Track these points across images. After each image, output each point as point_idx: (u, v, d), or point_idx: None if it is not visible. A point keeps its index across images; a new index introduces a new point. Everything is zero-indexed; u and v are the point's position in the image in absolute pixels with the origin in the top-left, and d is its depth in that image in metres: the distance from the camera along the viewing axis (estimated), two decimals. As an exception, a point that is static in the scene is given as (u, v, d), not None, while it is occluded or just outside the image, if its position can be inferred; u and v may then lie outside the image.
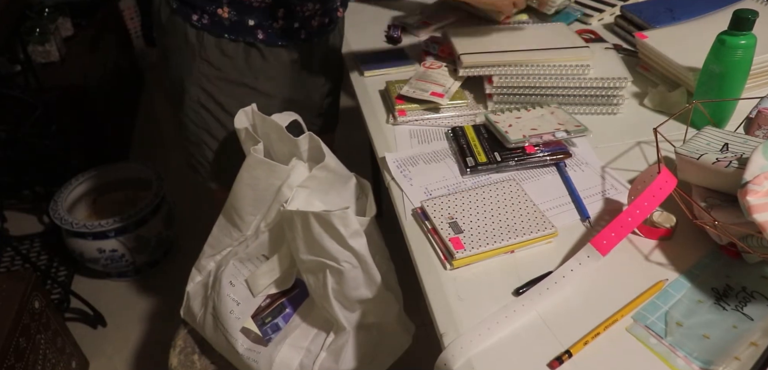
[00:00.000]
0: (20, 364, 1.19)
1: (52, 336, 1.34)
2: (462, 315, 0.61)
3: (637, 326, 0.58)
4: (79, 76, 2.01)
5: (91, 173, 1.87)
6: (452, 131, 0.90)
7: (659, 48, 1.01)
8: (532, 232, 0.68)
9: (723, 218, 0.62)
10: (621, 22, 1.22)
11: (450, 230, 0.69)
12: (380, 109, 1.00)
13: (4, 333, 1.15)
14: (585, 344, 0.56)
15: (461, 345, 0.57)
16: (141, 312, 1.70)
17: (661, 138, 0.75)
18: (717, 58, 0.83)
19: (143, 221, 1.70)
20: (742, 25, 0.79)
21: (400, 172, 0.83)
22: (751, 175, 0.57)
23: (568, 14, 1.29)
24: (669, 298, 0.61)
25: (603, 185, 0.79)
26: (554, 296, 0.62)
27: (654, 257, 0.67)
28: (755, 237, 0.59)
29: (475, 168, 0.82)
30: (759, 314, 0.58)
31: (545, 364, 0.55)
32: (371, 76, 1.10)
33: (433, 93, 0.95)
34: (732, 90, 0.84)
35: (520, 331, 0.59)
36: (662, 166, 0.66)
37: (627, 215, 0.64)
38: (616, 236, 0.64)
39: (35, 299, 1.29)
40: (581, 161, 0.84)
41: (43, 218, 2.06)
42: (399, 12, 1.36)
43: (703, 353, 0.55)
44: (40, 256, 1.84)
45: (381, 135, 0.93)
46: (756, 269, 0.64)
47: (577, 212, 0.74)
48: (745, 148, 0.66)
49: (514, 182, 0.78)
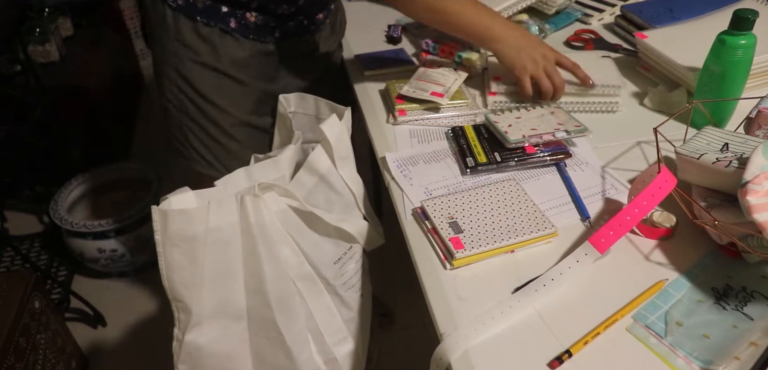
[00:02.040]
0: (20, 364, 1.19)
1: (52, 336, 1.34)
2: (462, 315, 0.61)
3: (637, 326, 0.58)
4: (79, 76, 2.01)
5: (91, 173, 1.87)
6: (452, 131, 0.90)
7: (659, 48, 1.01)
8: (532, 232, 0.68)
9: (723, 217, 0.62)
10: (621, 22, 1.22)
11: (450, 230, 0.69)
12: (380, 109, 1.00)
13: (4, 333, 1.14)
14: (585, 344, 0.56)
15: (458, 338, 0.57)
16: (141, 312, 1.70)
17: (661, 138, 0.75)
18: (717, 58, 0.83)
19: (143, 221, 1.70)
20: (742, 24, 0.79)
21: (400, 172, 0.83)
22: (751, 174, 0.57)
23: (569, 14, 1.29)
24: (669, 298, 0.61)
25: (603, 185, 0.79)
26: (552, 293, 0.62)
27: (654, 257, 0.67)
28: (755, 237, 0.59)
29: (475, 168, 0.82)
30: (759, 313, 0.58)
31: (545, 364, 0.55)
32: (371, 76, 1.10)
33: (433, 93, 0.95)
34: (732, 90, 0.84)
35: (519, 330, 0.59)
36: (662, 165, 0.66)
37: (626, 214, 0.64)
38: (614, 234, 0.64)
39: (35, 299, 1.29)
40: (581, 161, 0.84)
41: (43, 218, 2.06)
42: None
43: (703, 352, 0.55)
44: (40, 256, 1.84)
45: (381, 135, 0.93)
46: (756, 269, 0.64)
47: (577, 211, 0.74)
48: (745, 148, 0.66)
49: (514, 182, 0.77)
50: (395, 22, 1.28)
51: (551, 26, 1.25)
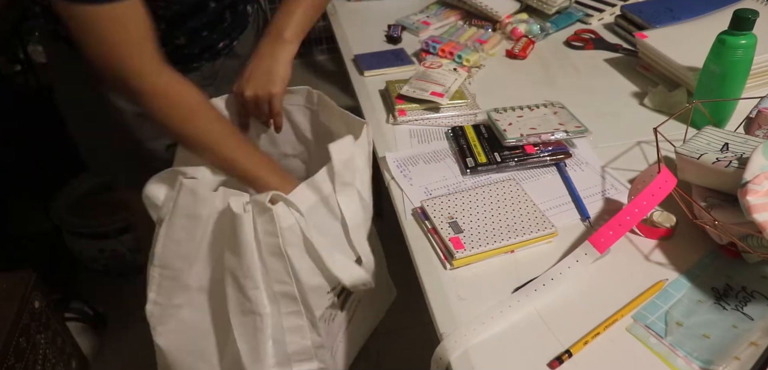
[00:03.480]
0: (20, 364, 1.19)
1: (52, 336, 1.34)
2: (462, 314, 0.61)
3: (637, 326, 0.58)
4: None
5: (91, 173, 1.87)
6: (452, 131, 0.90)
7: (659, 48, 1.01)
8: (532, 232, 0.68)
9: (723, 217, 0.62)
10: (621, 22, 1.22)
11: (450, 230, 0.69)
12: (380, 109, 1.00)
13: (4, 333, 1.14)
14: (585, 344, 0.56)
15: (458, 337, 0.57)
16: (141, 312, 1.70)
17: (661, 138, 0.75)
18: (717, 58, 0.83)
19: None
20: (742, 24, 0.79)
21: (400, 171, 0.83)
22: (751, 174, 0.57)
23: (570, 14, 1.29)
24: (669, 298, 0.61)
25: (603, 185, 0.79)
26: (551, 292, 0.62)
27: (654, 257, 0.67)
28: (755, 237, 0.59)
29: (475, 168, 0.82)
30: (759, 313, 0.58)
31: (545, 364, 0.55)
32: (371, 76, 1.10)
33: (433, 93, 0.95)
34: (732, 90, 0.84)
35: (519, 330, 0.59)
36: (662, 165, 0.66)
37: (625, 213, 0.64)
38: (613, 234, 0.64)
39: (35, 299, 1.29)
40: (581, 161, 0.84)
41: (44, 217, 2.06)
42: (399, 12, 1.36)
43: (703, 352, 0.55)
44: (40, 256, 1.84)
45: (381, 135, 0.93)
46: (756, 269, 0.64)
47: (577, 212, 0.74)
48: (745, 147, 0.66)
49: (514, 182, 0.77)
50: (395, 22, 1.28)
51: (552, 26, 1.25)
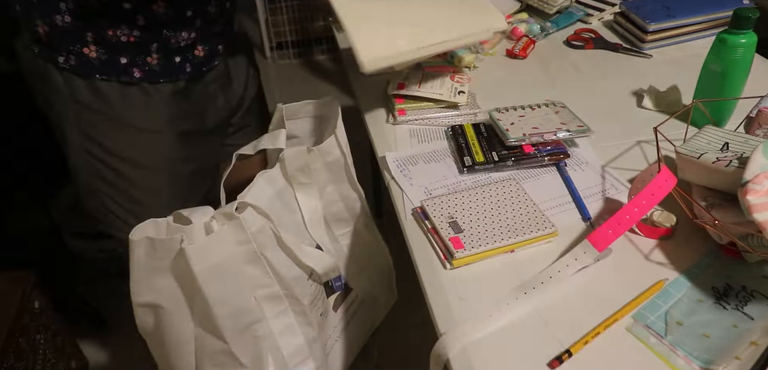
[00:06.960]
0: (20, 364, 1.18)
1: (52, 336, 1.34)
2: (462, 314, 0.61)
3: (637, 326, 0.58)
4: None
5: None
6: (452, 130, 0.90)
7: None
8: (533, 231, 0.68)
9: (723, 217, 0.62)
10: (620, 20, 1.22)
11: (450, 230, 0.69)
12: (380, 109, 1.00)
13: (4, 333, 1.14)
14: (585, 344, 0.56)
15: (457, 334, 0.57)
16: (141, 312, 1.70)
17: (661, 137, 0.75)
18: (717, 57, 0.83)
19: (143, 220, 1.70)
20: (742, 23, 0.79)
21: (400, 171, 0.83)
22: (751, 174, 0.57)
23: (570, 14, 1.29)
24: (669, 297, 0.61)
25: (603, 185, 0.79)
26: (551, 291, 0.62)
27: (654, 257, 0.67)
28: (755, 236, 0.59)
29: (472, 167, 0.81)
30: (759, 313, 0.58)
31: (545, 363, 0.55)
32: (371, 76, 1.10)
33: (433, 92, 0.95)
34: (732, 89, 0.84)
35: (519, 329, 0.59)
36: (662, 165, 0.66)
37: (625, 213, 0.64)
38: (613, 233, 0.63)
39: (35, 299, 1.29)
40: (581, 161, 0.84)
41: (43, 217, 2.06)
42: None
43: (703, 352, 0.55)
44: (40, 256, 1.84)
45: (381, 134, 0.93)
46: (756, 269, 0.64)
47: (577, 211, 0.74)
48: (746, 147, 0.66)
49: (514, 182, 0.77)
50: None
51: (552, 25, 1.25)
